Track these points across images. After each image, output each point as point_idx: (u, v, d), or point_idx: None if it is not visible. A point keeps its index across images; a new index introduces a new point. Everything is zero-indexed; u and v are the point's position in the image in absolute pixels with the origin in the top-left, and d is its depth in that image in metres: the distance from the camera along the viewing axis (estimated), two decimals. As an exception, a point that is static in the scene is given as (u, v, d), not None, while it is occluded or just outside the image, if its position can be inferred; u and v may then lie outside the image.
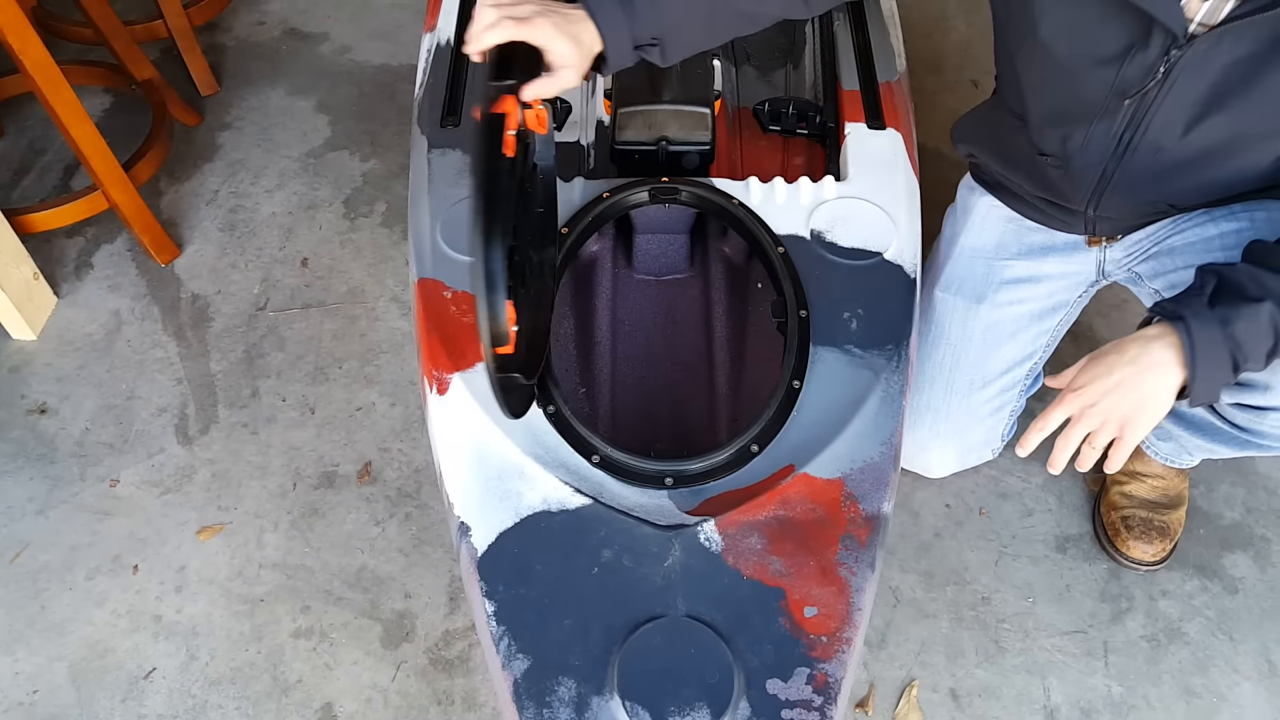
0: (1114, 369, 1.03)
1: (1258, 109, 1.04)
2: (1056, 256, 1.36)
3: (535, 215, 1.17)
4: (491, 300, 0.92)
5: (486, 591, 1.07)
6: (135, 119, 2.14)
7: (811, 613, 1.05)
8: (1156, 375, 1.01)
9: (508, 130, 0.99)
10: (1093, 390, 1.04)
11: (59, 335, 1.83)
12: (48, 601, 1.51)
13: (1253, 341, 1.01)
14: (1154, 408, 1.03)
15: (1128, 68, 1.08)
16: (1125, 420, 1.03)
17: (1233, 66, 1.02)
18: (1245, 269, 1.04)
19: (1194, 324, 1.00)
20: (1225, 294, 1.03)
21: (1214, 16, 1.01)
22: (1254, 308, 1.00)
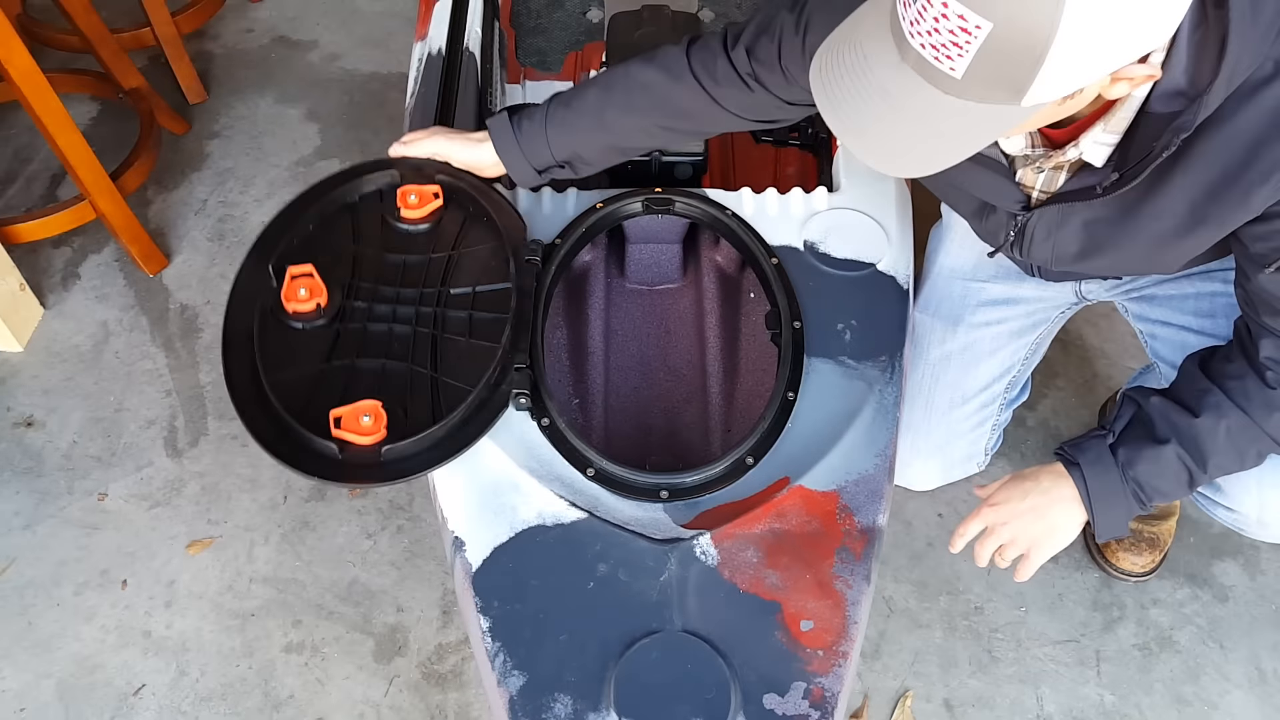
0: (1027, 495, 1.09)
1: (1129, 255, 1.03)
2: (1034, 281, 1.36)
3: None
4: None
5: (481, 607, 1.06)
6: (122, 127, 2.12)
7: (808, 626, 1.05)
8: (1061, 509, 1.07)
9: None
10: (1005, 510, 1.10)
11: (46, 347, 1.82)
12: (35, 618, 1.49)
13: (1157, 481, 1.04)
14: (1059, 536, 1.09)
15: (986, 224, 1.12)
16: (1032, 542, 1.09)
17: (1091, 226, 1.02)
18: (1159, 405, 1.05)
19: (1089, 471, 1.06)
20: (1137, 429, 1.06)
21: (1052, 185, 1.01)
22: (1156, 450, 1.03)
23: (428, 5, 1.67)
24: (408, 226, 1.28)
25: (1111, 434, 1.07)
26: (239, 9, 2.47)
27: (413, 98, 1.54)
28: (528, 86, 1.73)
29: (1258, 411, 1.00)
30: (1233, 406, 1.01)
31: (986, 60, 0.72)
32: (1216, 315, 1.22)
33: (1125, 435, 1.06)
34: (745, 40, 1.14)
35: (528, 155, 1.23)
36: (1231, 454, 1.03)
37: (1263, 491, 1.18)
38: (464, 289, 1.23)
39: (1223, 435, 1.01)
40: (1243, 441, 1.02)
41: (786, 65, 1.11)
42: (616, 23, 1.59)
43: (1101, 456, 1.06)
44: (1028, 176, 1.02)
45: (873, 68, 0.80)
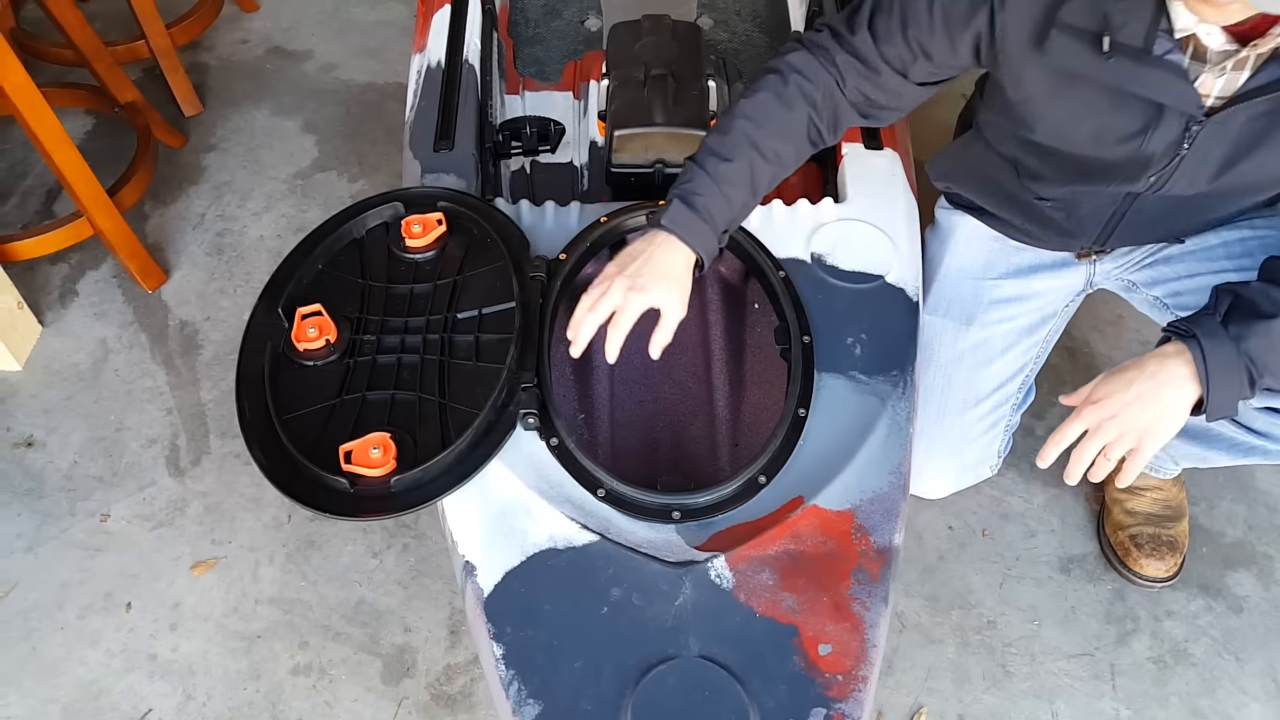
0: (1132, 383, 1.05)
1: (1276, 157, 1.04)
2: (1045, 273, 1.35)
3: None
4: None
5: (494, 634, 1.05)
6: (118, 141, 2.10)
7: (826, 650, 1.04)
8: (1173, 390, 1.03)
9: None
10: (1111, 403, 1.05)
11: (45, 365, 1.80)
12: (39, 642, 1.47)
13: (1267, 357, 1.02)
14: (1170, 421, 1.04)
15: (1148, 145, 1.07)
16: (1143, 432, 1.04)
17: (1251, 125, 1.02)
18: (1260, 287, 1.04)
19: (1207, 342, 1.02)
20: (1240, 312, 1.04)
21: (1230, 89, 1.00)
22: (1267, 324, 1.01)
23: (425, 16, 1.66)
24: (413, 256, 1.29)
25: (1218, 313, 1.04)
26: (233, 20, 2.45)
27: (412, 111, 1.52)
28: (527, 97, 1.72)
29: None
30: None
31: None
32: (1253, 254, 1.20)
33: (1230, 315, 1.04)
34: (860, 22, 1.13)
35: (713, 224, 1.14)
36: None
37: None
38: (470, 312, 1.23)
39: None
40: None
41: (913, 36, 1.09)
42: (616, 33, 1.57)
43: (1215, 329, 1.03)
44: (1207, 82, 1.00)
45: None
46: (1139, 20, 0.98)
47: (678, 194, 1.14)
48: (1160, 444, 1.05)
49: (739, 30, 1.87)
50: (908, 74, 1.14)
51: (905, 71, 1.14)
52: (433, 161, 1.43)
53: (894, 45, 1.12)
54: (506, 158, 1.60)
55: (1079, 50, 0.99)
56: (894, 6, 1.10)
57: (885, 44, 1.12)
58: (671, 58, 1.49)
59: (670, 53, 1.50)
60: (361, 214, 1.32)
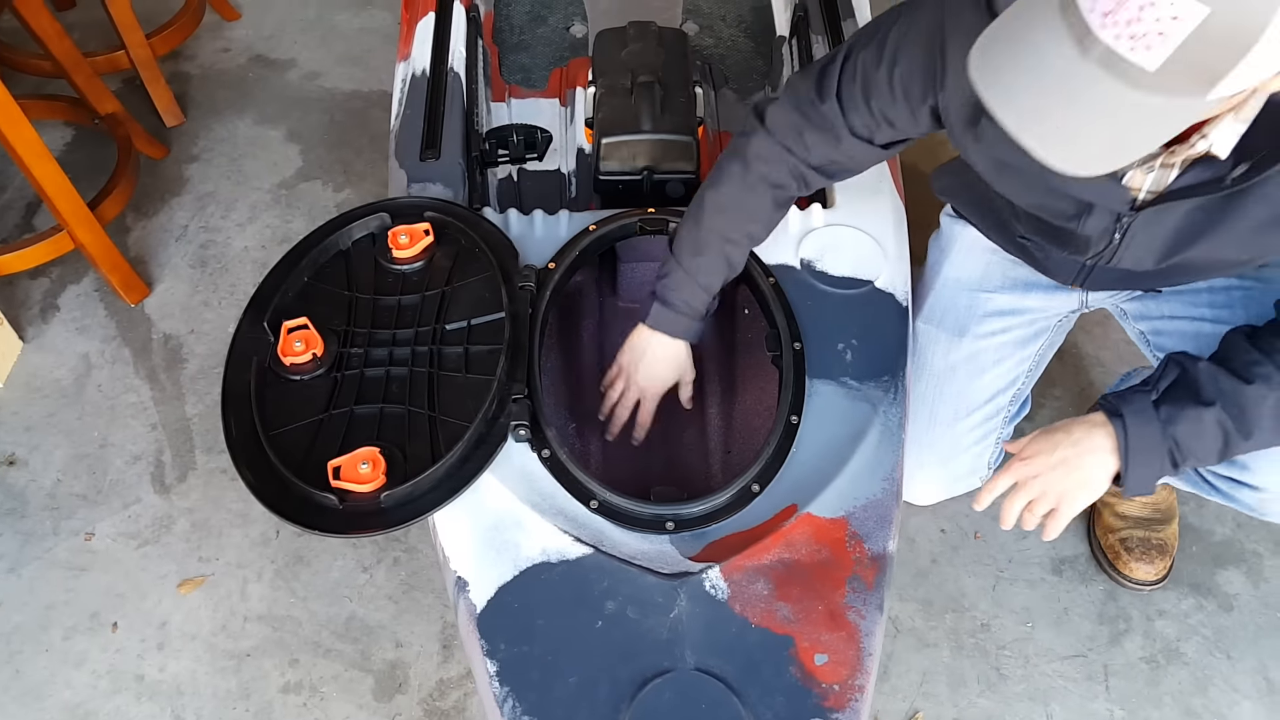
0: (1058, 447, 1.07)
1: (1221, 243, 1.02)
2: (1040, 291, 1.35)
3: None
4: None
5: (488, 650, 1.04)
6: (98, 153, 2.08)
7: (822, 660, 1.03)
8: (1093, 460, 1.05)
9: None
10: (1036, 464, 1.08)
11: (26, 382, 1.77)
12: (23, 665, 1.45)
13: (1195, 443, 1.03)
14: (1089, 489, 1.07)
15: (1083, 228, 1.09)
16: (1062, 496, 1.07)
17: (1190, 215, 1.00)
18: (1208, 368, 1.04)
19: (1131, 422, 1.04)
20: (1179, 391, 1.05)
21: (1160, 185, 0.99)
22: (1198, 412, 1.02)
23: (409, 24, 1.65)
24: (401, 267, 1.28)
25: (1155, 390, 1.05)
26: (214, 29, 2.43)
27: (398, 120, 1.51)
28: (513, 105, 1.71)
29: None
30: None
31: (1189, 51, 0.69)
32: (1234, 306, 1.21)
33: (1169, 394, 1.04)
34: (828, 91, 1.12)
35: (693, 313, 1.26)
36: (1273, 425, 1.01)
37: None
38: (459, 323, 1.22)
39: (1270, 406, 1.00)
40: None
41: (876, 107, 1.09)
42: (602, 39, 1.57)
43: (1144, 410, 1.04)
44: (1136, 177, 1.00)
45: (1049, 61, 0.77)
46: None
47: (657, 295, 1.26)
48: (1079, 507, 1.08)
49: (724, 35, 1.87)
50: (873, 140, 1.14)
51: (870, 138, 1.14)
52: (419, 171, 1.42)
53: (859, 114, 1.11)
54: (493, 166, 1.60)
55: (1008, 141, 0.98)
56: (857, 76, 1.10)
57: (851, 113, 1.12)
58: (658, 64, 1.48)
59: (656, 59, 1.49)
60: (347, 225, 1.31)
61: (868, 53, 1.07)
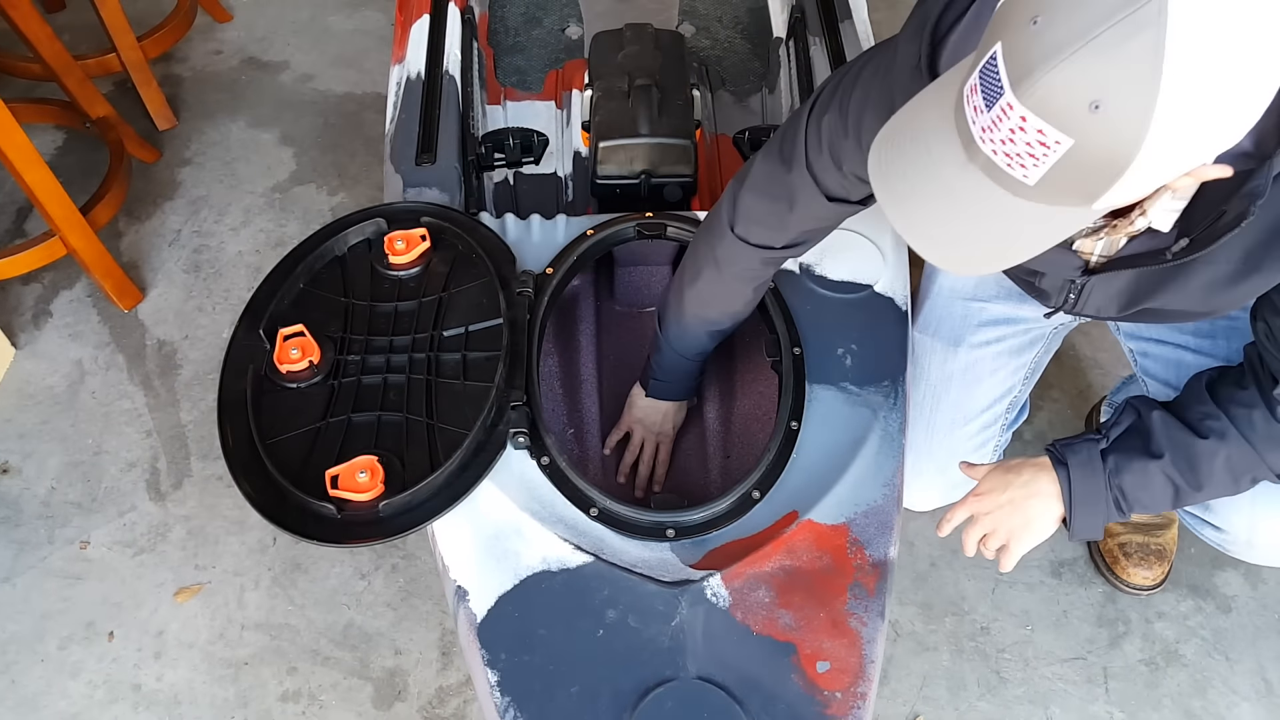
0: (1009, 487, 1.10)
1: (1177, 300, 1.01)
2: (1033, 304, 1.35)
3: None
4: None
5: (489, 660, 1.03)
6: (90, 157, 2.07)
7: (824, 668, 1.03)
8: (1039, 504, 1.08)
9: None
10: (988, 501, 1.11)
11: (18, 389, 1.76)
12: (18, 675, 1.44)
13: (1141, 493, 1.04)
14: (1035, 529, 1.09)
15: (1041, 283, 1.10)
16: (1010, 534, 1.10)
17: (1141, 277, 1.00)
18: (1161, 420, 1.04)
19: (1075, 473, 1.06)
20: (1130, 439, 1.05)
21: (1111, 249, 0.99)
22: (1145, 464, 1.03)
23: (404, 26, 1.64)
24: (397, 273, 1.27)
25: (1106, 439, 1.07)
26: (206, 30, 2.42)
27: (393, 123, 1.50)
28: (509, 107, 1.70)
29: (1262, 444, 1.00)
30: (1237, 436, 1.00)
31: (1063, 171, 0.69)
32: (1216, 336, 1.22)
33: (1119, 443, 1.06)
34: (795, 161, 1.09)
35: (687, 379, 1.36)
36: (1226, 480, 1.03)
37: (1255, 512, 1.18)
38: (456, 330, 1.21)
39: (1221, 461, 1.01)
40: (1240, 469, 1.02)
41: (848, 169, 1.07)
42: (599, 41, 1.56)
43: (1091, 460, 1.06)
44: (1086, 244, 1.00)
45: (938, 165, 0.77)
46: None
47: (651, 372, 1.36)
48: (1027, 546, 1.10)
49: (721, 37, 1.86)
50: (848, 198, 1.11)
51: (846, 198, 1.10)
52: (415, 175, 1.41)
53: (832, 178, 1.08)
54: (489, 170, 1.59)
55: None
56: (823, 145, 1.06)
57: (824, 178, 1.09)
58: (655, 67, 1.48)
59: (653, 62, 1.49)
60: (343, 231, 1.30)
61: (830, 117, 1.04)
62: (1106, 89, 0.65)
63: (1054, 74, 0.65)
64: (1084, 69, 0.65)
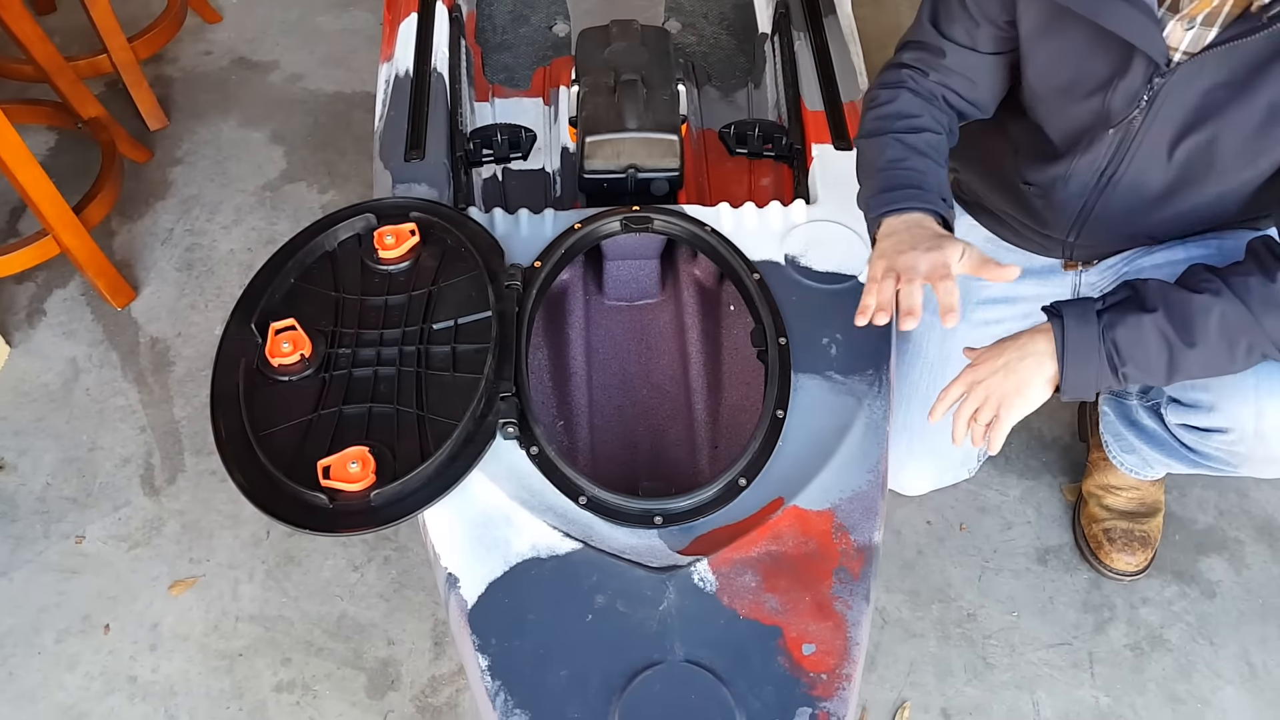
0: (1003, 353, 1.09)
1: (1235, 128, 1.05)
2: (1033, 279, 1.37)
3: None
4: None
5: (479, 645, 1.05)
6: (82, 157, 2.08)
7: (810, 650, 1.04)
8: (1032, 363, 1.07)
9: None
10: (982, 369, 1.10)
11: (13, 387, 1.77)
12: (15, 668, 1.45)
13: (1135, 350, 1.04)
14: (1028, 393, 1.07)
15: (1112, 98, 1.10)
16: (1002, 400, 1.08)
17: (1213, 90, 1.04)
18: (1157, 284, 1.06)
19: (1069, 323, 1.06)
20: (1128, 302, 1.06)
21: (1197, 44, 1.02)
22: (1139, 317, 1.03)
23: (392, 25, 1.65)
24: (387, 267, 1.28)
25: (1102, 301, 1.07)
26: (196, 31, 2.43)
27: (382, 121, 1.52)
28: (497, 104, 1.71)
29: (1256, 305, 1.00)
30: (1232, 295, 1.01)
31: None
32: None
33: (1115, 304, 1.06)
34: (924, 18, 1.20)
35: (930, 195, 1.16)
36: (1221, 343, 1.02)
37: (1260, 399, 1.14)
38: (446, 323, 1.22)
39: (1215, 318, 1.01)
40: (1234, 330, 1.01)
41: (971, 3, 1.14)
42: (585, 38, 1.57)
43: (1085, 312, 1.06)
44: (1175, 34, 1.02)
45: None
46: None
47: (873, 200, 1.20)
48: (1018, 413, 1.08)
49: (707, 33, 1.88)
50: (976, 46, 1.17)
51: (974, 45, 1.17)
52: (404, 171, 1.42)
53: (956, 22, 1.16)
54: (478, 166, 1.60)
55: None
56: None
57: (947, 23, 1.17)
58: (641, 62, 1.49)
59: (640, 57, 1.50)
60: (333, 226, 1.31)
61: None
62: None
63: None
64: None
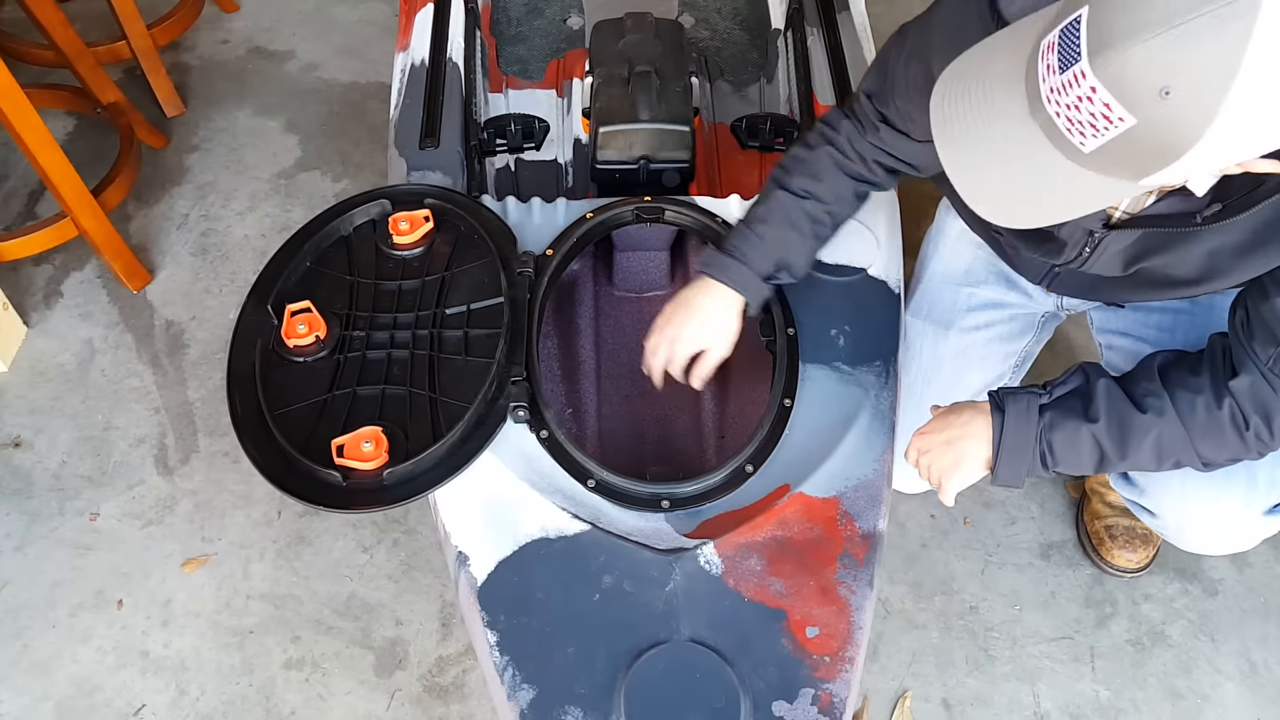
0: (948, 427, 1.13)
1: (1181, 263, 1.03)
2: (1020, 291, 1.39)
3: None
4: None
5: (488, 621, 1.06)
6: (100, 142, 2.10)
7: (813, 633, 1.06)
8: (971, 445, 1.11)
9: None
10: (929, 439, 1.15)
11: (30, 366, 1.79)
12: (30, 640, 1.48)
13: (1067, 452, 1.07)
14: (965, 468, 1.12)
15: (1060, 234, 1.09)
16: (942, 472, 1.13)
17: (1154, 235, 1.02)
18: (1105, 387, 1.06)
19: (1009, 420, 1.08)
20: (1070, 401, 1.08)
21: (1136, 207, 1.01)
22: (1078, 425, 1.05)
23: (408, 16, 1.67)
24: (401, 253, 1.30)
25: (1048, 395, 1.09)
26: (214, 20, 2.45)
27: (397, 109, 1.53)
28: (510, 95, 1.73)
29: (1196, 431, 1.02)
30: (1174, 418, 1.02)
31: (1120, 147, 0.71)
32: (1176, 333, 1.26)
33: (1060, 402, 1.08)
34: (862, 90, 1.19)
35: (754, 268, 1.22)
36: (1151, 457, 1.05)
37: (1184, 498, 1.20)
38: (458, 308, 1.24)
39: (1152, 438, 1.03)
40: (1168, 450, 1.04)
41: (900, 106, 1.13)
42: (599, 30, 1.59)
43: (1028, 410, 1.08)
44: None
45: (997, 116, 0.79)
46: None
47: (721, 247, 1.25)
48: (958, 485, 1.13)
49: (720, 28, 1.89)
50: (910, 134, 1.16)
51: (908, 132, 1.16)
52: (419, 159, 1.44)
53: (890, 108, 1.16)
54: (491, 155, 1.62)
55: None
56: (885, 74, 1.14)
57: (881, 105, 1.17)
58: (654, 55, 1.51)
59: (653, 50, 1.52)
60: (349, 211, 1.33)
61: (895, 51, 1.11)
62: (1180, 77, 0.66)
63: (1133, 52, 0.67)
64: (1163, 53, 0.66)
